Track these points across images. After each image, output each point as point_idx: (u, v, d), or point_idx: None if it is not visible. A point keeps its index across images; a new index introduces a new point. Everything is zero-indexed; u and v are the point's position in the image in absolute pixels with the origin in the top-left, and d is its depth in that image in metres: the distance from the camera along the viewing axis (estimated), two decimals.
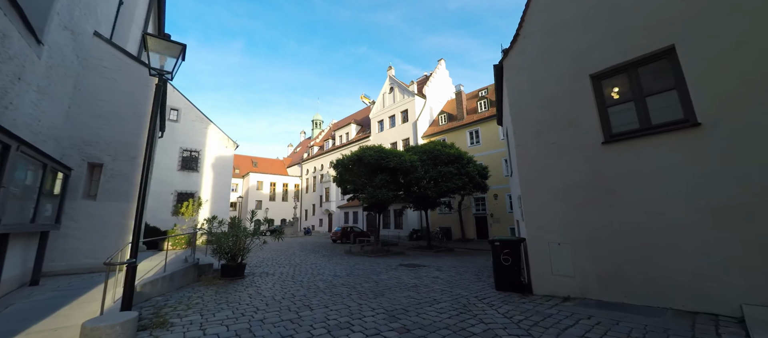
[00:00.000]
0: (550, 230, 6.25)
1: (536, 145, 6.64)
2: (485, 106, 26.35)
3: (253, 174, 43.44)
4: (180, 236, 13.79)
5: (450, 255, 15.68)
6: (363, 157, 15.65)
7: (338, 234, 24.69)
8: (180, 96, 24.41)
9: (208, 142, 25.18)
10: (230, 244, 8.64)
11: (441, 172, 16.52)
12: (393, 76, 33.12)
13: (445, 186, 16.58)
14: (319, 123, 53.33)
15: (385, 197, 15.23)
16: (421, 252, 17.44)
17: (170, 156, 23.33)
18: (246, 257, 9.29)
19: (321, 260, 13.39)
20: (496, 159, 23.90)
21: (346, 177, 17.44)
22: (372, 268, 10.78)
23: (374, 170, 16.10)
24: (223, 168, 25.50)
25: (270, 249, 17.98)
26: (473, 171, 17.10)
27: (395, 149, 16.47)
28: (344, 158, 16.58)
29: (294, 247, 20.09)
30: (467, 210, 25.04)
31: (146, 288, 6.14)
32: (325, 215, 39.27)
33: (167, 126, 23.79)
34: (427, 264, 11.71)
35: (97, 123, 7.86)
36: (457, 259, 13.82)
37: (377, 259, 13.63)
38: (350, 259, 13.63)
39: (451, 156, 17.32)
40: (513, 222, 23.03)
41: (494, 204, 23.73)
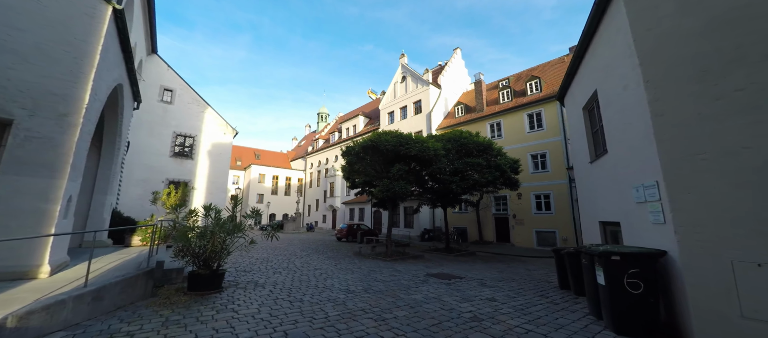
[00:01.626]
0: (731, 239, 3.54)
1: (697, 97, 3.92)
2: (508, 97, 23.62)
3: (255, 166, 40.87)
4: (148, 226, 11.17)
5: (477, 261, 12.99)
6: (378, 143, 13.00)
7: (344, 231, 22.06)
8: (175, 75, 21.86)
9: (205, 128, 22.62)
10: (202, 244, 5.99)
11: (468, 164, 13.82)
12: (406, 64, 30.40)
13: (471, 180, 13.88)
14: (325, 116, 50.67)
15: (403, 190, 12.57)
16: (440, 255, 14.76)
17: (162, 140, 20.80)
18: (225, 261, 6.64)
19: (327, 263, 10.74)
20: (520, 154, 21.15)
21: (356, 168, 14.77)
22: (395, 279, 8.11)
23: (391, 159, 13.43)
24: (220, 156, 22.94)
25: (266, 248, 15.35)
26: (505, 164, 14.43)
27: (418, 135, 13.82)
28: (356, 145, 13.92)
29: (295, 245, 17.44)
30: (486, 209, 22.32)
31: (35, 317, 3.51)
32: (328, 211, 36.68)
33: (160, 107, 21.28)
34: (463, 275, 9.02)
35: (7, 59, 5.22)
36: (491, 267, 11.13)
37: (395, 265, 10.95)
38: (363, 264, 10.96)
39: (480, 145, 14.60)
40: (538, 223, 20.31)
41: (517, 204, 21.00)
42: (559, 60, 24.69)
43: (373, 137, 13.47)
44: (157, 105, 20.88)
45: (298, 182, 44.04)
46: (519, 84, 24.96)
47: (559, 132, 19.95)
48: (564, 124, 19.86)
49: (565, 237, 18.83)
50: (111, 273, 5.30)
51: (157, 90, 20.97)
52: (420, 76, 28.50)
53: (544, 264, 12.76)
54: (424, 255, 14.04)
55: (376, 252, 13.99)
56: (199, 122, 22.44)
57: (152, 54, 20.99)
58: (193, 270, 5.99)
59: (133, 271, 5.40)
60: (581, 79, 7.16)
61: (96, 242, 9.22)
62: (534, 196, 20.54)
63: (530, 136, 21.39)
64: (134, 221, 13.13)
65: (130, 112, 10.90)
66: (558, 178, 19.70)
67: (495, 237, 22.20)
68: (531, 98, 21.97)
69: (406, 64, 30.41)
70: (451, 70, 30.18)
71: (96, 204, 9.36)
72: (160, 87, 21.13)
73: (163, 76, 21.33)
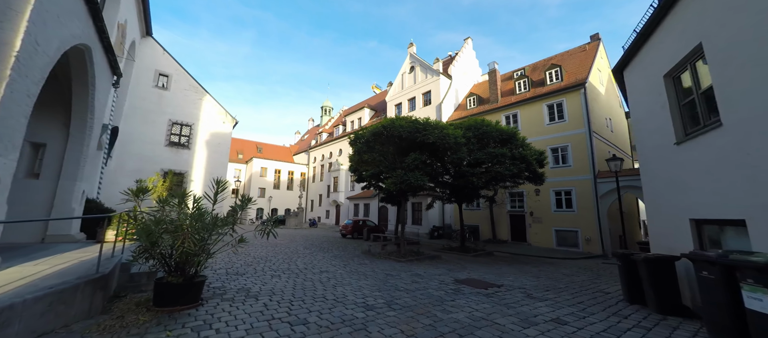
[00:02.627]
0: None
1: None
2: (525, 87, 21.93)
3: (257, 159, 39.34)
4: (106, 216, 9.67)
5: (500, 263, 11.43)
6: (392, 129, 11.41)
7: (349, 228, 20.54)
8: (171, 60, 20.29)
9: (203, 116, 21.08)
10: (172, 244, 4.43)
11: (490, 154, 12.21)
12: (414, 53, 28.70)
13: (494, 172, 12.28)
14: (329, 110, 48.99)
15: (419, 182, 10.99)
16: (456, 255, 13.21)
17: (157, 128, 19.28)
18: (205, 266, 5.10)
19: (334, 264, 9.19)
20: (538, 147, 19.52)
21: (364, 158, 13.19)
22: (419, 287, 6.55)
23: (405, 147, 11.85)
24: (219, 146, 21.41)
25: (266, 245, 13.84)
26: (530, 155, 12.82)
27: (437, 121, 12.19)
28: (366, 131, 12.36)
29: (297, 242, 15.92)
30: (500, 206, 20.72)
31: None
32: (332, 206, 35.18)
33: (154, 94, 19.72)
34: (499, 282, 7.44)
35: None
36: (521, 270, 9.55)
37: (413, 267, 9.39)
38: (375, 266, 9.41)
39: (503, 134, 12.98)
40: (558, 222, 18.68)
41: (535, 200, 19.38)
42: (579, 49, 22.95)
43: (385, 123, 11.89)
44: (151, 91, 19.36)
45: (301, 176, 42.54)
46: (536, 74, 23.24)
47: (583, 123, 18.28)
48: (588, 115, 18.20)
49: (588, 237, 17.23)
50: (45, 282, 3.76)
51: (151, 74, 19.43)
52: (430, 66, 26.82)
53: (578, 268, 11.17)
54: (440, 255, 12.47)
55: (387, 251, 12.45)
56: (196, 110, 20.90)
57: (147, 36, 19.42)
58: (161, 278, 4.45)
59: (75, 279, 3.86)
60: (667, 36, 5.52)
61: (59, 236, 7.72)
62: (553, 193, 18.91)
63: (550, 129, 19.71)
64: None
65: (106, 86, 9.35)
66: (581, 174, 18.06)
67: (509, 235, 20.61)
68: (551, 88, 20.27)
69: (414, 54, 28.72)
70: (462, 60, 28.47)
71: (62, 193, 7.84)
72: (154, 71, 19.58)
73: (158, 60, 19.78)
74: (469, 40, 29.74)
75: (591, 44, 22.53)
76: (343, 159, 34.87)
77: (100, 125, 9.29)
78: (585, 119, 18.21)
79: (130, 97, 18.44)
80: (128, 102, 18.37)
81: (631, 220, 21.16)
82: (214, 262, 8.24)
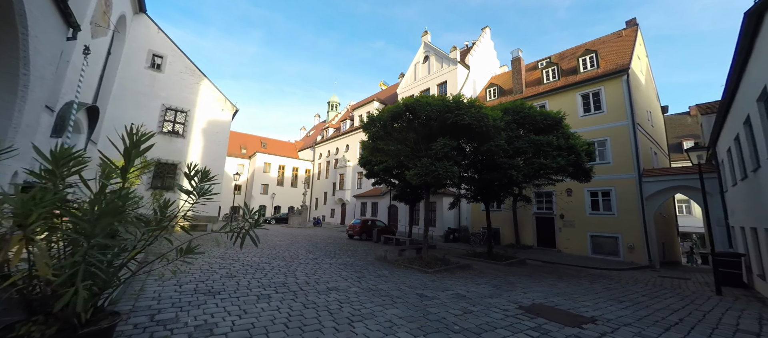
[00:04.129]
0: None
1: None
2: (554, 75, 19.54)
3: (261, 154, 37.28)
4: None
5: (546, 274, 9.11)
6: (417, 108, 9.16)
7: (357, 228, 18.31)
8: (166, 39, 18.24)
9: (200, 102, 19.02)
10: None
11: (534, 143, 9.89)
12: (429, 42, 26.40)
13: (537, 165, 9.95)
14: (336, 105, 46.81)
15: (448, 173, 8.70)
16: (488, 264, 10.92)
17: (149, 114, 17.24)
18: (120, 296, 2.87)
19: (346, 278, 6.93)
20: None
21: (379, 146, 10.95)
22: (481, 324, 4.25)
23: (432, 132, 9.58)
24: (217, 135, 19.34)
25: (261, 248, 11.66)
26: (580, 146, 10.49)
27: (472, 98, 9.84)
28: (384, 112, 10.12)
29: (299, 244, 13.68)
30: (525, 208, 18.33)
31: None
32: (337, 205, 32.99)
33: (147, 76, 17.67)
34: (581, 310, 5.12)
35: None
36: (584, 286, 7.22)
37: (449, 283, 7.10)
38: (397, 279, 7.14)
39: (548, 119, 10.62)
40: (594, 226, 16.23)
41: (566, 201, 16.96)
42: (614, 35, 20.47)
43: (408, 101, 9.62)
44: (143, 72, 17.33)
45: (306, 173, 40.44)
46: (565, 62, 20.81)
47: (625, 114, 15.84)
48: (632, 105, 15.76)
49: (631, 244, 14.78)
50: None
51: (144, 55, 17.40)
52: (446, 54, 24.51)
53: (644, 283, 8.75)
54: (471, 263, 10.14)
55: (406, 258, 10.16)
56: (193, 95, 18.85)
57: (140, 13, 17.36)
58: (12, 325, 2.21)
59: None
60: None
61: None
62: (588, 193, 16.47)
63: (585, 121, 17.28)
64: None
65: (54, 38, 7.17)
66: (622, 171, 15.60)
67: (535, 240, 18.21)
68: (587, 75, 17.84)
69: (429, 42, 26.43)
70: (479, 50, 26.12)
71: None
72: (148, 51, 17.55)
73: (152, 40, 17.75)
74: (486, 30, 27.38)
75: (628, 30, 20.05)
76: (350, 155, 32.68)
77: (43, 88, 7.13)
78: (628, 110, 15.77)
79: (119, 78, 16.42)
80: (117, 82, 16.35)
81: (668, 227, 18.67)
82: (186, 273, 6.05)
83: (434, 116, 9.15)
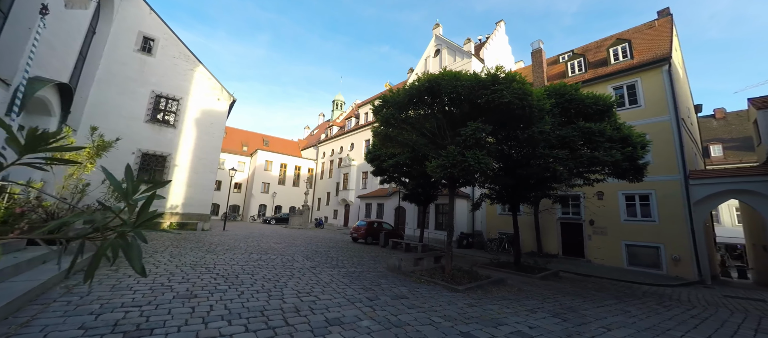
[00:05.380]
0: None
1: None
2: (580, 68, 17.62)
3: (262, 152, 35.53)
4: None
5: (596, 292, 7.12)
6: (441, 85, 7.29)
7: (362, 230, 16.38)
8: (158, 21, 16.54)
9: (194, 90, 17.27)
10: None
11: (584, 132, 7.95)
12: (441, 34, 24.57)
13: (587, 158, 8.00)
14: (341, 104, 45.04)
15: (482, 165, 6.79)
16: (521, 277, 9.00)
17: (137, 100, 15.50)
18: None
19: (353, 300, 4.99)
20: None
21: (392, 133, 9.05)
22: None
23: (460, 115, 7.70)
24: (211, 126, 17.56)
25: (250, 250, 9.77)
26: (635, 138, 8.54)
27: (511, 72, 7.91)
28: (400, 92, 8.25)
29: (297, 247, 11.76)
30: (548, 212, 16.31)
31: None
32: (341, 206, 31.08)
33: (136, 59, 15.86)
34: None
35: None
36: (666, 314, 5.24)
37: (492, 310, 5.14)
38: (422, 299, 5.20)
39: (600, 104, 8.70)
40: (630, 234, 14.11)
41: (596, 206, 14.91)
42: (646, 26, 18.52)
43: (431, 77, 7.73)
44: (132, 55, 15.61)
45: (309, 172, 38.63)
46: (591, 54, 18.86)
47: (667, 109, 13.83)
48: (675, 98, 13.76)
49: (676, 256, 12.69)
50: None
51: (133, 36, 15.68)
52: (459, 47, 22.66)
53: (738, 308, 6.68)
54: (504, 278, 8.15)
55: (423, 268, 8.21)
56: (186, 82, 17.10)
57: None
58: None
59: None
60: None
61: None
62: (623, 197, 14.42)
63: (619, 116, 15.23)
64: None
65: None
66: (664, 172, 13.55)
67: (560, 248, 16.14)
68: (620, 66, 15.87)
69: (441, 35, 24.60)
70: (494, 44, 24.26)
71: None
72: (138, 33, 15.84)
73: (143, 21, 16.06)
74: (501, 24, 25.53)
75: (660, 20, 18.09)
76: (354, 154, 30.83)
77: None
78: (670, 103, 13.76)
79: (105, 60, 14.72)
80: (103, 65, 14.65)
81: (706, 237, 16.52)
82: (117, 290, 4.16)
83: (464, 94, 7.25)
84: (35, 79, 9.53)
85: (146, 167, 15.59)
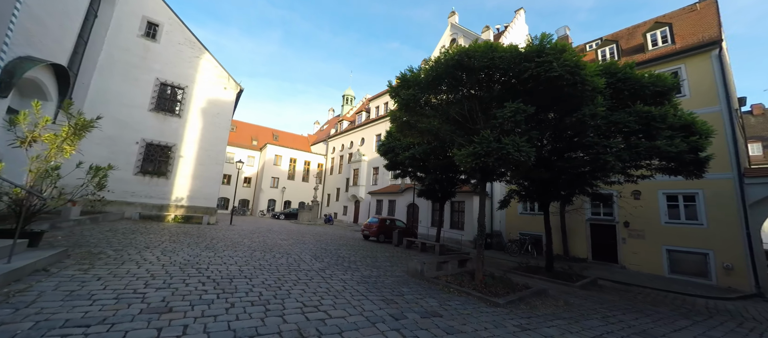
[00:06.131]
0: None
1: None
2: (613, 55, 16.06)
3: (272, 146, 34.84)
4: None
5: (650, 304, 5.86)
6: (477, 57, 6.10)
7: (374, 228, 15.31)
8: (163, 5, 15.70)
9: (199, 78, 16.47)
10: None
11: (643, 117, 6.63)
12: (457, 23, 23.20)
13: (645, 147, 6.69)
14: (351, 99, 44.01)
15: (522, 154, 5.58)
16: (558, 285, 7.83)
17: (141, 88, 14.76)
18: None
19: (373, 319, 3.87)
20: None
21: (411, 120, 7.91)
22: None
23: (491, 99, 6.52)
24: (217, 116, 16.73)
25: (250, 246, 8.79)
26: (700, 126, 7.18)
27: (560, 42, 6.67)
28: (426, 69, 7.10)
29: (306, 244, 10.74)
30: (577, 212, 14.88)
31: None
32: (350, 202, 30.11)
33: (139, 45, 15.01)
34: None
35: None
36: None
37: (547, 328, 3.97)
38: (460, 318, 4.07)
39: (659, 86, 7.34)
40: (672, 238, 12.59)
41: (632, 206, 13.43)
42: (686, 10, 16.78)
43: (462, 49, 6.54)
44: (135, 41, 14.85)
45: (318, 168, 37.81)
46: (624, 41, 17.26)
47: (717, 99, 12.26)
48: (727, 86, 12.16)
49: (728, 264, 11.17)
50: None
51: (136, 21, 14.92)
52: (478, 36, 21.25)
53: None
54: (544, 288, 6.92)
55: (449, 273, 7.07)
56: (191, 70, 16.30)
57: None
58: None
59: None
60: None
61: None
62: (664, 197, 12.92)
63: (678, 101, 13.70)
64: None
65: None
66: (714, 170, 11.87)
67: (589, 252, 14.71)
68: (659, 52, 14.29)
69: (457, 23, 23.23)
70: (513, 34, 22.73)
71: None
72: (141, 18, 15.07)
73: (146, 4, 15.26)
74: (521, 12, 23.95)
75: (703, 3, 16.33)
76: (365, 149, 29.77)
77: None
78: (721, 92, 12.18)
79: (108, 45, 14.01)
80: (105, 51, 13.94)
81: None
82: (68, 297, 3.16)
83: (502, 68, 6.04)
84: (26, 58, 8.75)
85: (150, 157, 14.87)
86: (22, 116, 5.14)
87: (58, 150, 5.63)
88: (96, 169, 5.94)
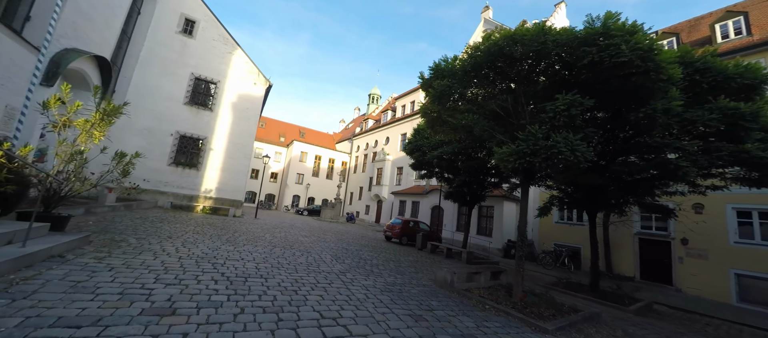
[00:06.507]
0: None
1: None
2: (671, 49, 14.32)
3: (298, 143, 35.40)
4: None
5: None
6: (523, 42, 5.34)
7: (397, 230, 14.71)
8: (200, 2, 16.18)
9: (231, 73, 16.78)
10: None
11: (731, 114, 5.49)
12: (490, 18, 22.00)
13: (728, 151, 5.54)
14: (377, 98, 43.73)
15: (577, 153, 4.75)
16: (607, 307, 6.83)
17: (177, 82, 15.27)
18: None
19: None
20: None
21: (443, 116, 7.23)
22: None
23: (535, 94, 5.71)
24: (247, 111, 16.97)
25: (271, 240, 8.50)
26: None
27: (627, 23, 5.73)
28: (463, 59, 6.43)
29: (327, 242, 10.36)
30: (622, 225, 13.34)
31: None
32: (373, 201, 29.74)
33: (177, 41, 15.46)
34: None
35: None
36: None
37: None
38: None
39: (748, 78, 6.09)
40: (742, 261, 10.78)
41: (692, 221, 11.73)
42: None
43: (507, 33, 5.79)
44: (174, 37, 15.38)
45: (342, 166, 37.87)
46: (687, 34, 15.29)
47: None
48: None
49: None
50: None
51: (175, 18, 15.45)
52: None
53: None
54: (599, 313, 5.95)
55: (481, 286, 6.31)
56: (224, 65, 16.64)
57: None
58: None
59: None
60: None
61: None
62: (734, 212, 11.15)
63: None
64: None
65: None
66: None
67: (637, 270, 13.10)
68: (732, 45, 12.42)
69: (490, 18, 22.03)
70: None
71: None
72: (179, 15, 15.59)
73: (184, 2, 15.73)
74: (561, 6, 22.25)
75: None
76: (389, 148, 29.25)
77: None
78: None
79: (148, 42, 14.63)
80: (146, 46, 14.57)
81: None
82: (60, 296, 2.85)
83: (555, 55, 5.22)
84: (72, 50, 9.11)
85: (183, 149, 15.33)
86: (53, 100, 5.13)
87: (87, 135, 5.61)
88: (120, 156, 5.86)
